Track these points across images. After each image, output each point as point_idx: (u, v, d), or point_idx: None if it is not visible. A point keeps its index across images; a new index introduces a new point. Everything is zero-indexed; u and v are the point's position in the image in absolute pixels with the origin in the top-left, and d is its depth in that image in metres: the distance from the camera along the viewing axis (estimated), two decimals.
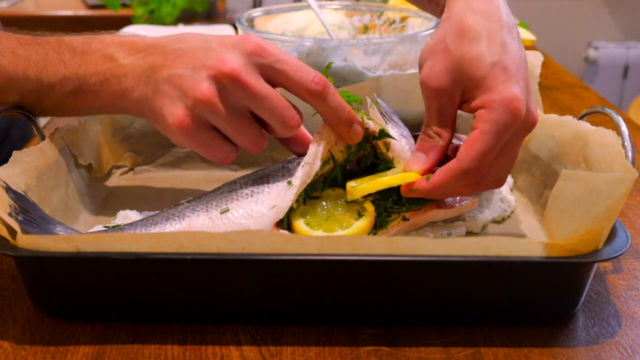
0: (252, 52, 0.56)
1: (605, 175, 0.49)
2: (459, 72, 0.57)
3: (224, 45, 0.57)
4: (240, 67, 0.56)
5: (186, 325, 0.54)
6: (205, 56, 0.57)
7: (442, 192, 0.58)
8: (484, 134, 0.55)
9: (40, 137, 0.68)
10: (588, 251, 0.50)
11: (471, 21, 0.57)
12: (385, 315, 0.54)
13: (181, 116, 0.56)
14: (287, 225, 0.61)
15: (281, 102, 0.57)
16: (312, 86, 0.57)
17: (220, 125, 0.57)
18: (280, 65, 0.57)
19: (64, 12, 1.84)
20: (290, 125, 0.58)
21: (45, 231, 0.57)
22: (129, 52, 0.60)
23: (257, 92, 0.56)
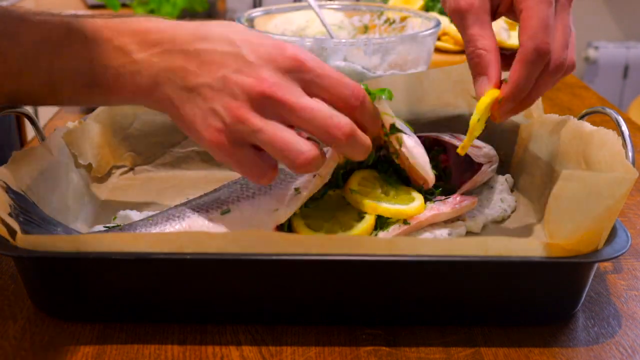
0: (291, 68, 0.53)
1: (606, 176, 0.49)
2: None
3: (258, 56, 0.53)
4: (278, 85, 0.52)
5: (186, 325, 0.54)
6: (237, 68, 0.53)
7: (522, 86, 0.59)
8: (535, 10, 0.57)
9: (40, 137, 0.68)
10: (588, 251, 0.50)
11: None
12: (385, 315, 0.54)
13: (217, 133, 0.53)
14: (287, 227, 0.61)
15: (323, 112, 0.53)
16: (351, 101, 0.54)
17: (256, 139, 0.53)
18: (320, 81, 0.54)
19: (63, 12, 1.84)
20: (334, 134, 0.53)
21: (45, 231, 0.57)
22: (142, 45, 0.56)
23: (296, 106, 0.52)
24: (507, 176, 0.75)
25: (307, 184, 0.60)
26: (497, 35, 1.37)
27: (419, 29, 0.99)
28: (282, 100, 0.52)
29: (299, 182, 0.61)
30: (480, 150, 0.72)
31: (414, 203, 0.63)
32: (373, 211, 0.62)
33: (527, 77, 0.59)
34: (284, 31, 1.03)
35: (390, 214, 0.62)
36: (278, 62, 0.53)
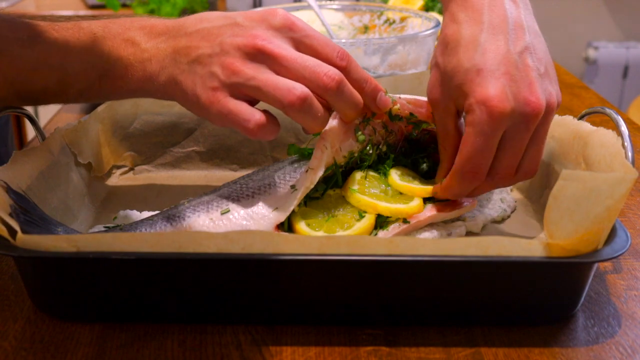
0: (281, 26, 0.57)
1: (605, 175, 0.49)
2: (447, 83, 0.60)
3: (251, 19, 0.57)
4: (269, 39, 0.56)
5: (186, 325, 0.54)
6: (233, 32, 0.57)
7: (453, 193, 0.62)
8: (468, 136, 0.58)
9: (41, 137, 0.68)
10: (588, 251, 0.50)
11: (451, 32, 0.60)
12: (385, 315, 0.54)
13: (214, 92, 0.56)
14: (287, 226, 0.61)
15: (312, 62, 0.56)
16: (337, 61, 0.57)
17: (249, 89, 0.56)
18: (309, 40, 0.57)
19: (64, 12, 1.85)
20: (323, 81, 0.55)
21: (45, 231, 0.57)
22: (149, 36, 0.59)
23: (286, 57, 0.55)
24: None
25: (302, 180, 0.60)
26: None
27: (419, 29, 0.99)
28: (273, 52, 0.55)
29: (295, 181, 0.61)
30: None
31: (413, 202, 0.64)
32: (373, 210, 0.62)
33: (454, 188, 0.62)
34: None
35: (390, 213, 0.62)
36: (269, 22, 0.57)
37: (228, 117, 0.56)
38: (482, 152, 0.58)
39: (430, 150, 0.73)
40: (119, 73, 0.59)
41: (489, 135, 0.56)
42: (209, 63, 0.56)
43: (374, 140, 0.67)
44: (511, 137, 0.57)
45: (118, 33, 0.60)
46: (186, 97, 0.58)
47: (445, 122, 0.62)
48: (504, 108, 0.55)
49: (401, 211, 0.62)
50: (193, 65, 0.57)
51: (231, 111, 0.56)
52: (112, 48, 0.59)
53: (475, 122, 0.56)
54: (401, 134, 0.70)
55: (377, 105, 0.61)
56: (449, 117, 0.62)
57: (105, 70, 0.59)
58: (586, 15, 2.99)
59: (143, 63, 0.59)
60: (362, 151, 0.65)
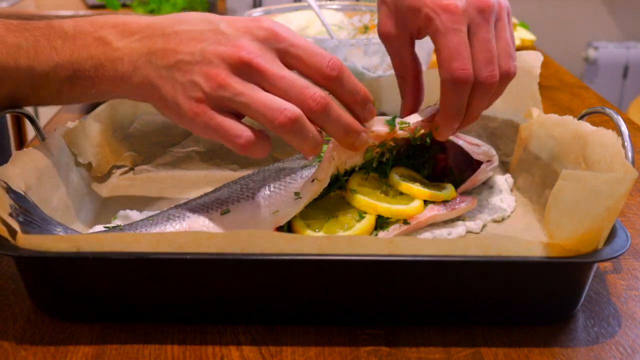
0: (266, 37, 0.55)
1: (605, 176, 0.49)
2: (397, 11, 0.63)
3: (235, 28, 0.55)
4: (255, 52, 0.54)
5: (186, 325, 0.54)
6: (216, 40, 0.55)
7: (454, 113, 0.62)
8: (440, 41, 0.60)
9: (40, 137, 0.68)
10: (588, 251, 0.50)
11: None
12: (385, 315, 0.54)
13: (198, 103, 0.54)
14: (287, 227, 0.61)
15: (300, 82, 0.54)
16: (327, 71, 0.55)
17: (236, 104, 0.54)
18: (295, 50, 0.55)
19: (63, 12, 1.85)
20: (309, 105, 0.54)
21: (45, 231, 0.57)
22: (122, 34, 0.57)
23: (273, 74, 0.54)
24: (507, 176, 0.75)
25: (307, 189, 0.60)
26: None
27: None
28: (259, 67, 0.54)
29: (299, 187, 0.61)
30: (479, 148, 0.72)
31: (414, 203, 0.64)
32: (373, 211, 0.62)
33: (454, 105, 0.62)
34: None
35: (390, 213, 0.62)
36: (254, 33, 0.55)
37: (217, 131, 0.54)
38: (460, 46, 0.59)
39: (431, 153, 0.73)
40: (88, 73, 0.57)
41: (456, 29, 0.59)
42: (189, 71, 0.54)
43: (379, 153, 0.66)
44: (475, 32, 0.60)
45: (89, 32, 0.58)
46: (165, 104, 0.56)
47: (402, 54, 0.65)
48: (457, 3, 0.59)
49: (401, 212, 0.62)
50: (171, 70, 0.55)
51: (220, 125, 0.54)
52: (82, 47, 0.57)
53: (439, 26, 0.59)
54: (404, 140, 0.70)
55: (364, 116, 0.59)
56: (404, 47, 0.65)
57: (74, 71, 0.57)
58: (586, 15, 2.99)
59: (114, 62, 0.56)
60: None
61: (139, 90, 0.57)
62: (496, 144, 0.78)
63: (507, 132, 0.78)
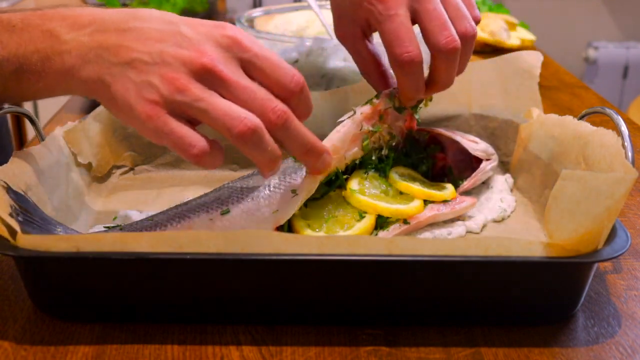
0: (229, 45, 0.53)
1: (605, 175, 0.49)
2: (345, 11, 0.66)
3: (197, 31, 0.53)
4: (219, 60, 0.52)
5: (186, 325, 0.54)
6: (175, 42, 0.53)
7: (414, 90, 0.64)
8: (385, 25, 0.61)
9: (40, 137, 0.68)
10: (588, 251, 0.50)
11: None
12: (385, 315, 0.54)
13: (152, 105, 0.51)
14: (287, 227, 0.61)
15: (261, 93, 0.53)
16: (290, 86, 0.54)
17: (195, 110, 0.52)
18: (258, 61, 0.53)
19: None
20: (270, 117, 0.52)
21: (45, 231, 0.57)
22: (71, 27, 0.54)
23: (236, 83, 0.52)
24: (507, 176, 0.75)
25: (303, 185, 0.60)
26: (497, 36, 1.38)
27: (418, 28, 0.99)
28: (221, 75, 0.52)
29: (297, 185, 0.61)
30: (477, 144, 0.72)
31: (414, 203, 0.64)
32: (373, 211, 0.62)
33: (410, 87, 0.64)
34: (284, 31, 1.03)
35: (390, 213, 0.62)
36: (217, 39, 0.53)
37: (169, 137, 0.52)
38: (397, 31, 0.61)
39: (430, 151, 0.73)
40: (34, 67, 0.54)
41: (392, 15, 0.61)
42: (145, 71, 0.52)
43: (377, 145, 0.67)
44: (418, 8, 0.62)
45: (37, 24, 0.55)
46: (114, 102, 0.53)
47: (359, 50, 0.67)
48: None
49: (401, 212, 0.62)
50: (125, 68, 0.52)
51: (173, 131, 0.52)
52: (29, 40, 0.55)
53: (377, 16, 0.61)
54: (402, 135, 0.70)
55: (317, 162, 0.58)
56: (359, 43, 0.67)
57: (20, 65, 0.55)
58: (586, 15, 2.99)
59: (61, 55, 0.54)
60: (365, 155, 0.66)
61: (87, 85, 0.54)
62: (496, 144, 0.78)
63: (507, 132, 0.78)
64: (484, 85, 0.78)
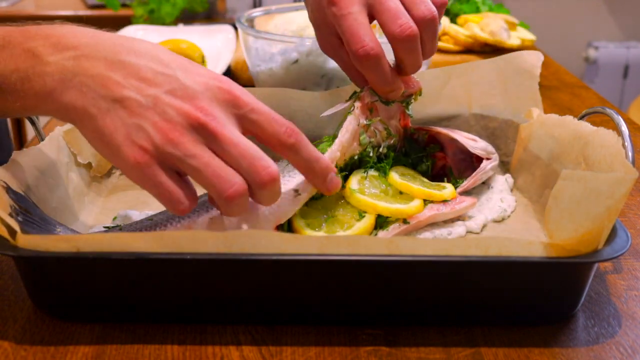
0: (226, 100, 0.52)
1: (606, 175, 0.49)
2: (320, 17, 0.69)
3: (193, 80, 0.52)
4: (216, 116, 0.51)
5: (186, 325, 0.54)
6: (171, 88, 0.51)
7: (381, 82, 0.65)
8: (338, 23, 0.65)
9: (40, 137, 0.68)
10: (588, 251, 0.50)
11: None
12: (385, 315, 0.54)
13: (141, 153, 0.50)
14: (287, 227, 0.61)
15: (254, 152, 0.51)
16: (284, 138, 0.53)
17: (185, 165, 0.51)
18: (254, 116, 0.53)
19: (63, 12, 1.85)
20: (261, 178, 0.51)
21: (45, 231, 0.57)
22: (55, 48, 0.52)
23: (229, 141, 0.51)
24: (507, 176, 0.75)
25: (305, 185, 0.60)
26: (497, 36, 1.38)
27: None
28: (216, 132, 0.50)
29: (298, 184, 0.61)
30: (477, 142, 0.72)
31: (414, 202, 0.64)
32: (373, 210, 0.62)
33: (378, 80, 0.65)
34: (284, 31, 1.03)
35: (390, 213, 0.62)
36: (214, 93, 0.52)
37: (157, 189, 0.51)
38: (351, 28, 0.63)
39: (429, 150, 0.73)
40: (12, 87, 0.52)
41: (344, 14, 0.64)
42: (138, 114, 0.50)
43: (375, 142, 0.67)
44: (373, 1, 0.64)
45: (19, 42, 0.53)
46: (100, 136, 0.51)
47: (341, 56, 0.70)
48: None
49: (401, 211, 0.62)
50: (114, 104, 0.50)
51: (162, 185, 0.50)
52: (9, 58, 0.52)
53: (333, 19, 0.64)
54: (400, 134, 0.70)
55: (327, 187, 0.57)
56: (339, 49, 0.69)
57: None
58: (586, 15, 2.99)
59: (43, 77, 0.51)
60: (363, 152, 0.66)
61: (67, 111, 0.52)
62: (496, 144, 0.78)
63: (507, 132, 0.78)
64: (484, 85, 0.78)
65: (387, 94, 0.67)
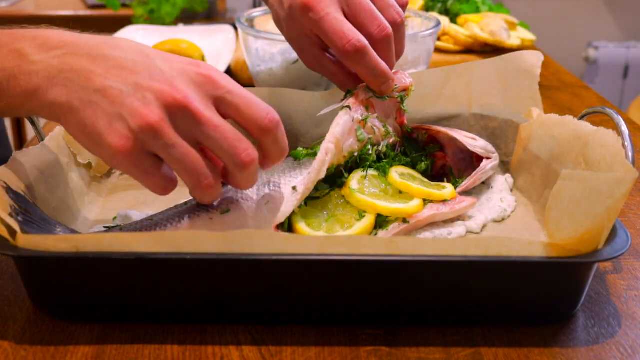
0: (203, 82, 0.53)
1: (606, 175, 0.49)
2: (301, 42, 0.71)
3: (171, 67, 0.53)
4: (192, 96, 0.51)
5: (186, 325, 0.54)
6: (150, 75, 0.52)
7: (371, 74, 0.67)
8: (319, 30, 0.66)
9: (40, 137, 0.68)
10: (588, 251, 0.50)
11: None
12: (385, 315, 0.54)
13: (123, 139, 0.50)
14: (287, 227, 0.61)
15: (233, 133, 0.52)
16: (264, 123, 0.54)
17: (165, 153, 0.51)
18: (231, 98, 0.53)
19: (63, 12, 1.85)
20: (242, 160, 0.52)
21: (45, 231, 0.57)
22: (41, 48, 0.53)
23: (208, 122, 0.52)
24: (507, 176, 0.75)
25: (303, 182, 0.60)
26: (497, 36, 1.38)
27: (419, 29, 0.99)
28: (195, 112, 0.51)
29: (296, 182, 0.62)
30: (476, 141, 0.72)
31: (413, 202, 0.64)
32: (372, 210, 0.62)
33: (367, 71, 0.66)
34: None
35: (390, 212, 0.62)
36: (191, 76, 0.53)
37: (138, 174, 0.52)
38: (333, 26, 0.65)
39: (429, 150, 0.73)
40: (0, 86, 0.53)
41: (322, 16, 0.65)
42: (118, 102, 0.51)
43: (374, 140, 0.67)
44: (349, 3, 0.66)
45: (6, 43, 0.53)
46: (82, 128, 0.51)
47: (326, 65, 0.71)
48: None
49: (401, 211, 0.62)
50: (95, 95, 0.51)
51: (144, 171, 0.52)
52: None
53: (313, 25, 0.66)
54: (399, 134, 0.70)
55: None
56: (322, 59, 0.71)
57: None
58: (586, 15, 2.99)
59: (29, 75, 0.52)
60: (362, 151, 0.66)
61: (52, 108, 0.52)
62: (496, 144, 0.78)
63: (507, 132, 0.78)
64: (484, 85, 0.78)
65: (380, 87, 0.68)
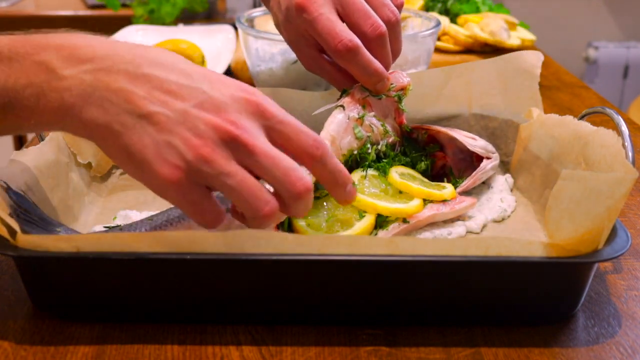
0: (255, 112, 0.51)
1: (606, 175, 0.49)
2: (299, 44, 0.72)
3: (220, 92, 0.50)
4: (245, 127, 0.49)
5: (186, 325, 0.54)
6: (199, 102, 0.49)
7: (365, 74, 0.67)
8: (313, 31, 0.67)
9: (40, 137, 0.68)
10: (588, 251, 0.50)
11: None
12: (385, 315, 0.54)
13: (173, 169, 0.48)
14: (287, 226, 0.61)
15: (287, 162, 0.50)
16: (312, 150, 0.52)
17: (219, 183, 0.49)
18: (282, 127, 0.51)
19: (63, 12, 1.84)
20: (297, 189, 0.50)
21: (45, 231, 0.57)
22: (69, 61, 0.49)
23: (261, 152, 0.49)
24: (507, 176, 0.75)
25: None
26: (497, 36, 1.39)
27: (419, 29, 0.99)
28: (248, 145, 0.49)
29: None
30: (476, 141, 0.72)
31: (413, 202, 0.64)
32: (372, 210, 0.62)
33: (361, 70, 0.67)
34: None
35: (390, 212, 0.62)
36: (242, 104, 0.50)
37: (191, 207, 0.50)
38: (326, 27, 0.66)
39: (429, 150, 0.73)
40: (26, 102, 0.49)
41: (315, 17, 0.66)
42: (167, 130, 0.48)
43: (373, 139, 0.67)
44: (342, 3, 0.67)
45: (28, 53, 0.49)
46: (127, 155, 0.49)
47: (324, 67, 0.72)
48: None
49: (401, 211, 0.62)
50: (141, 121, 0.48)
51: (196, 203, 0.49)
52: (20, 71, 0.49)
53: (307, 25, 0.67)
54: (398, 133, 0.70)
55: (346, 198, 0.55)
56: (320, 61, 0.72)
57: (9, 99, 0.49)
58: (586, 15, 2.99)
59: (60, 92, 0.48)
60: (362, 149, 0.66)
61: (87, 128, 0.49)
62: (496, 143, 0.78)
63: (507, 132, 0.78)
64: (484, 85, 0.79)
65: (375, 85, 0.68)
